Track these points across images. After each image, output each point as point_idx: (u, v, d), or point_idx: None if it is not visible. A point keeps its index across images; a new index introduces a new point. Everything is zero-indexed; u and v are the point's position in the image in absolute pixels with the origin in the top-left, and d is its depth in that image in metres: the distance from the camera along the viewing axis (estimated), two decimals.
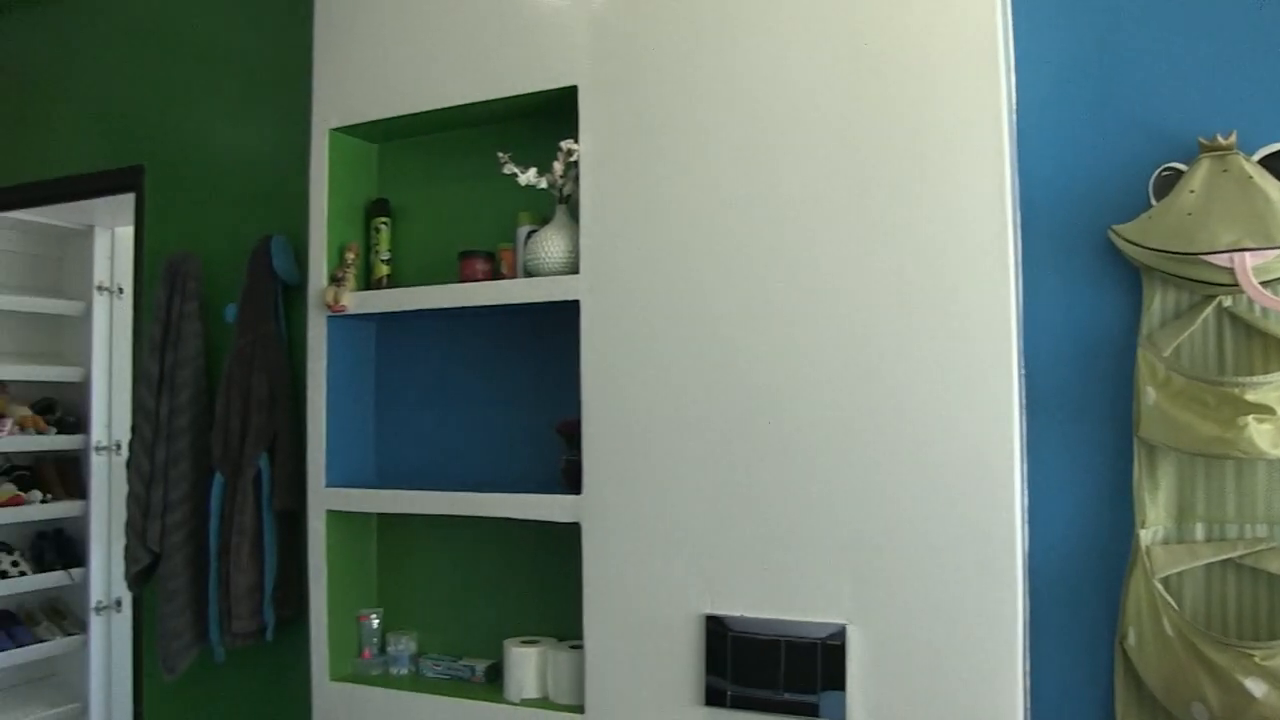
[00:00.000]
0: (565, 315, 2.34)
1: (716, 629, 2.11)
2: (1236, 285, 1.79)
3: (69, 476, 4.48)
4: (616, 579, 2.23)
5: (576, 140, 2.32)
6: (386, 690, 2.53)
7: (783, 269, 2.10)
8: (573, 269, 2.32)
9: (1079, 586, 2.04)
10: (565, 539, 2.33)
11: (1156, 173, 1.95)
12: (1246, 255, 1.77)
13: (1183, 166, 1.92)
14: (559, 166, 2.34)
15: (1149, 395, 1.88)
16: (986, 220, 1.94)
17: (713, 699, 2.11)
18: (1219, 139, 1.86)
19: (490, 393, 2.64)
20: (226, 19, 3.23)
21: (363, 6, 2.60)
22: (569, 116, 2.33)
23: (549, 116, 2.44)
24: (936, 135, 1.99)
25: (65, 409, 4.50)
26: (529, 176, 2.37)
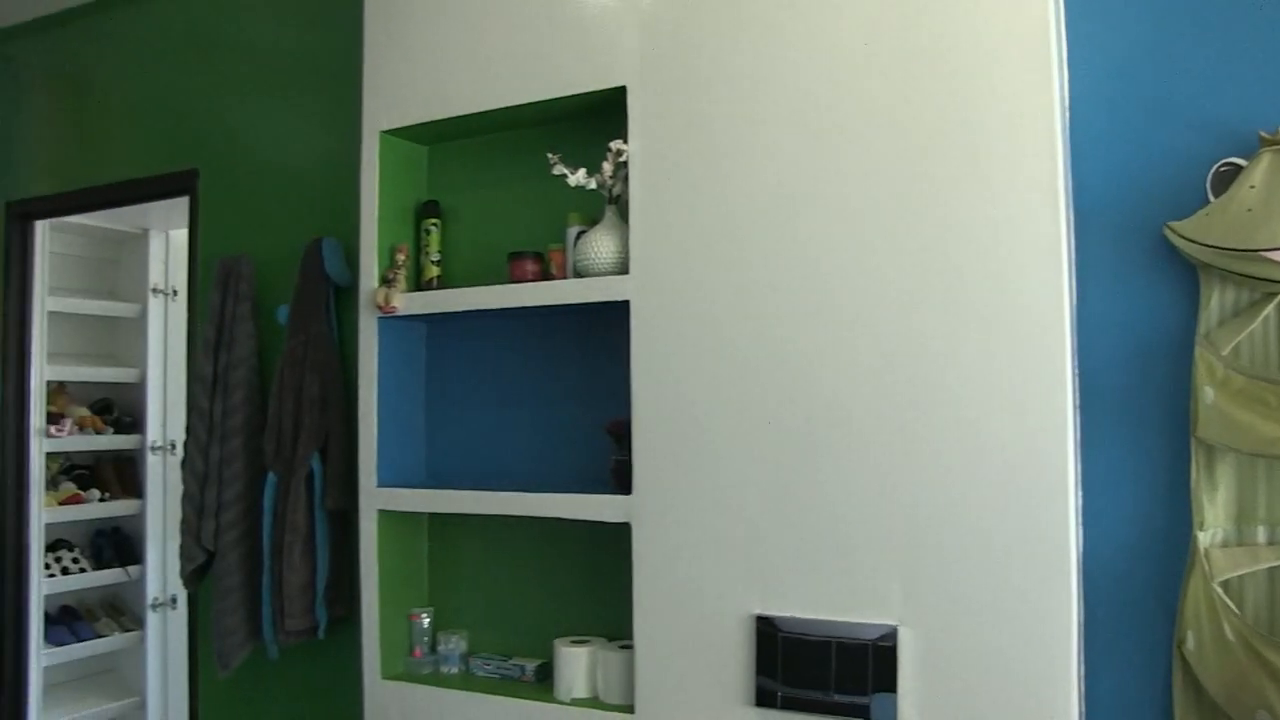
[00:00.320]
0: (614, 315, 2.35)
1: (767, 629, 2.11)
2: None
3: (126, 475, 4.55)
4: (666, 579, 2.22)
5: (625, 140, 2.32)
6: (437, 689, 2.54)
7: (833, 267, 2.08)
8: (622, 269, 2.32)
9: (1135, 589, 2.00)
10: (615, 538, 2.33)
11: (1214, 168, 1.91)
12: None
13: (1242, 161, 1.88)
14: (608, 167, 2.35)
15: (1207, 395, 1.85)
16: (1039, 217, 1.92)
17: (763, 700, 2.11)
18: None
19: (539, 393, 2.64)
20: (278, 25, 3.28)
21: (412, 10, 2.62)
22: (618, 117, 2.34)
23: (598, 117, 2.45)
24: (989, 132, 1.96)
25: (122, 409, 4.57)
26: (578, 177, 2.38)
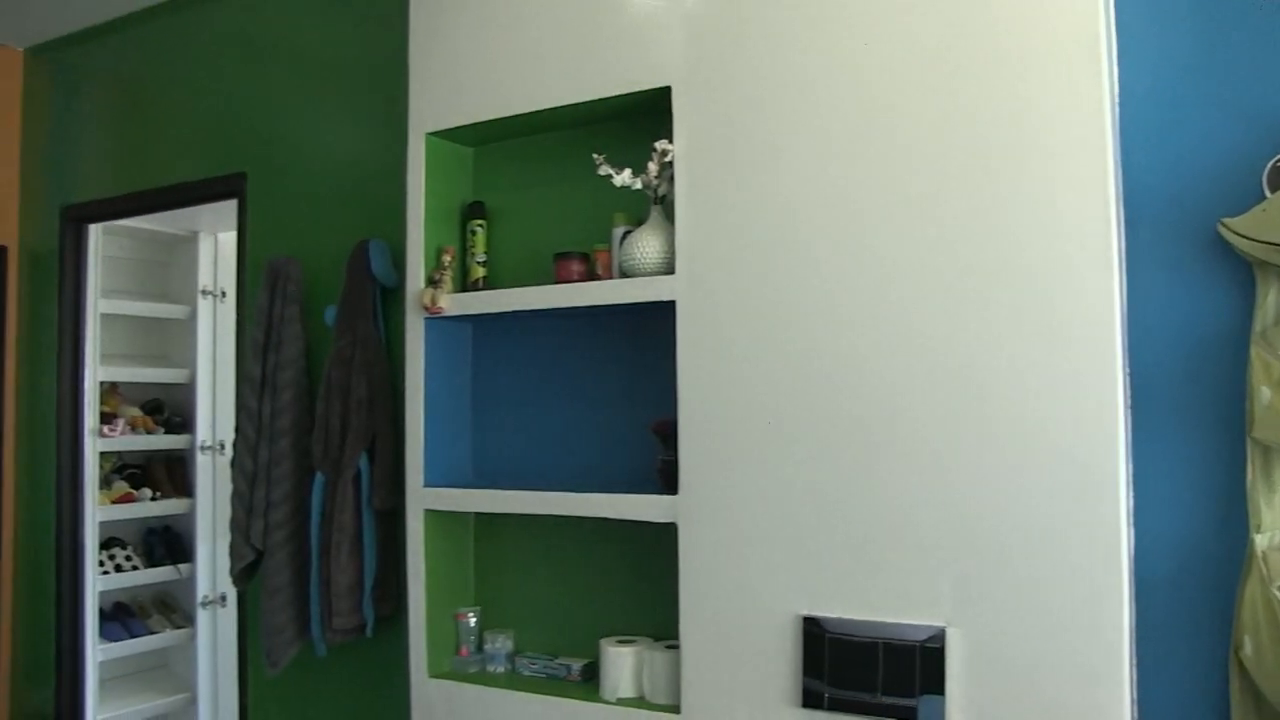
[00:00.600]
0: (660, 315, 2.35)
1: (813, 630, 2.09)
2: None
3: (176, 475, 4.61)
4: (713, 579, 2.22)
5: (670, 140, 2.32)
6: (483, 688, 2.55)
7: (881, 266, 2.07)
8: (668, 269, 2.32)
9: (1189, 593, 1.97)
10: (661, 538, 2.33)
11: (1271, 163, 1.87)
12: None
13: None
14: (653, 167, 2.34)
15: (1263, 395, 1.81)
16: (1089, 215, 1.89)
17: (810, 701, 2.10)
18: None
19: (585, 393, 2.65)
20: (325, 29, 3.31)
21: (458, 13, 2.63)
22: (663, 117, 2.33)
23: (643, 117, 2.45)
24: (1037, 128, 1.94)
25: (172, 409, 4.64)
26: (624, 177, 2.38)
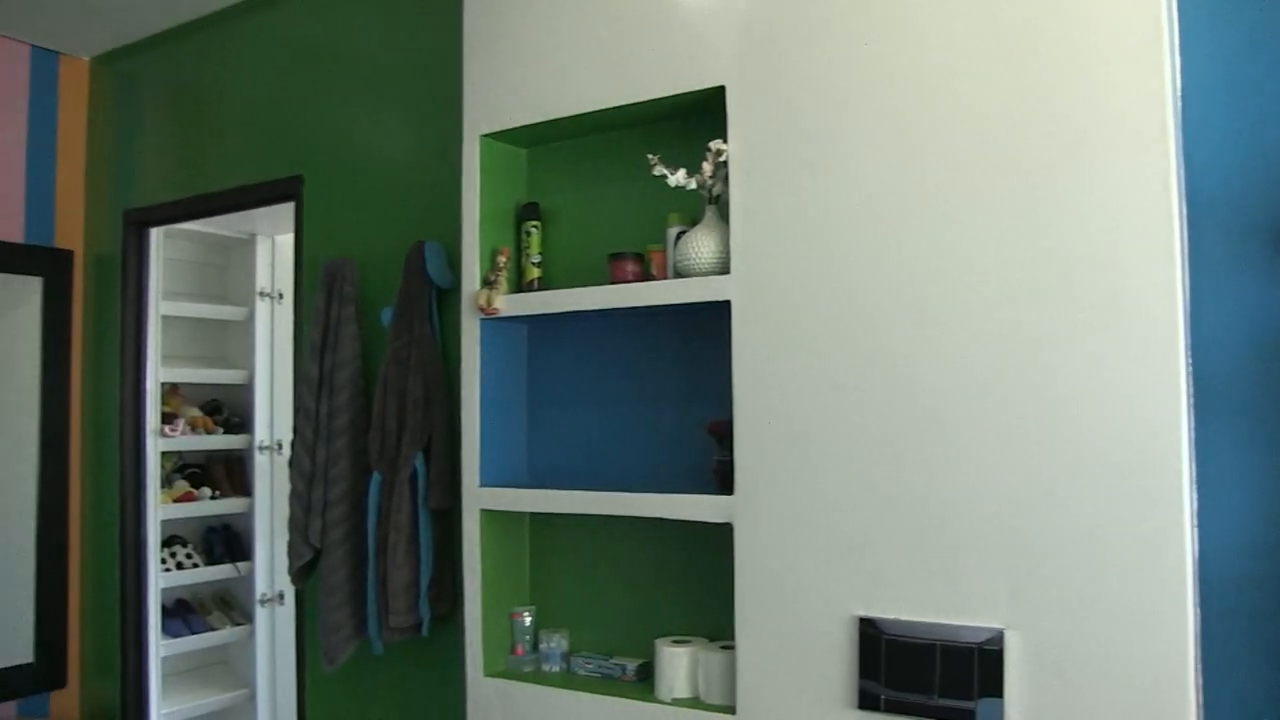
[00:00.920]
0: (715, 315, 2.34)
1: (870, 631, 2.08)
2: None
3: (235, 474, 4.69)
4: (769, 580, 2.21)
5: (725, 140, 2.31)
6: (538, 687, 2.56)
7: (938, 265, 2.04)
8: (723, 269, 2.31)
9: (1255, 595, 1.93)
10: (716, 538, 2.32)
11: None
12: None
13: None
14: (708, 167, 2.34)
15: None
16: (1151, 212, 1.85)
17: (866, 703, 2.08)
18: None
19: (640, 393, 2.65)
20: (379, 33, 3.34)
21: (511, 14, 2.65)
22: (717, 116, 2.33)
23: (697, 117, 2.44)
24: (1098, 125, 1.90)
25: (231, 410, 4.71)
26: (678, 178, 2.38)
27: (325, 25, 3.49)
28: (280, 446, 4.64)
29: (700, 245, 2.34)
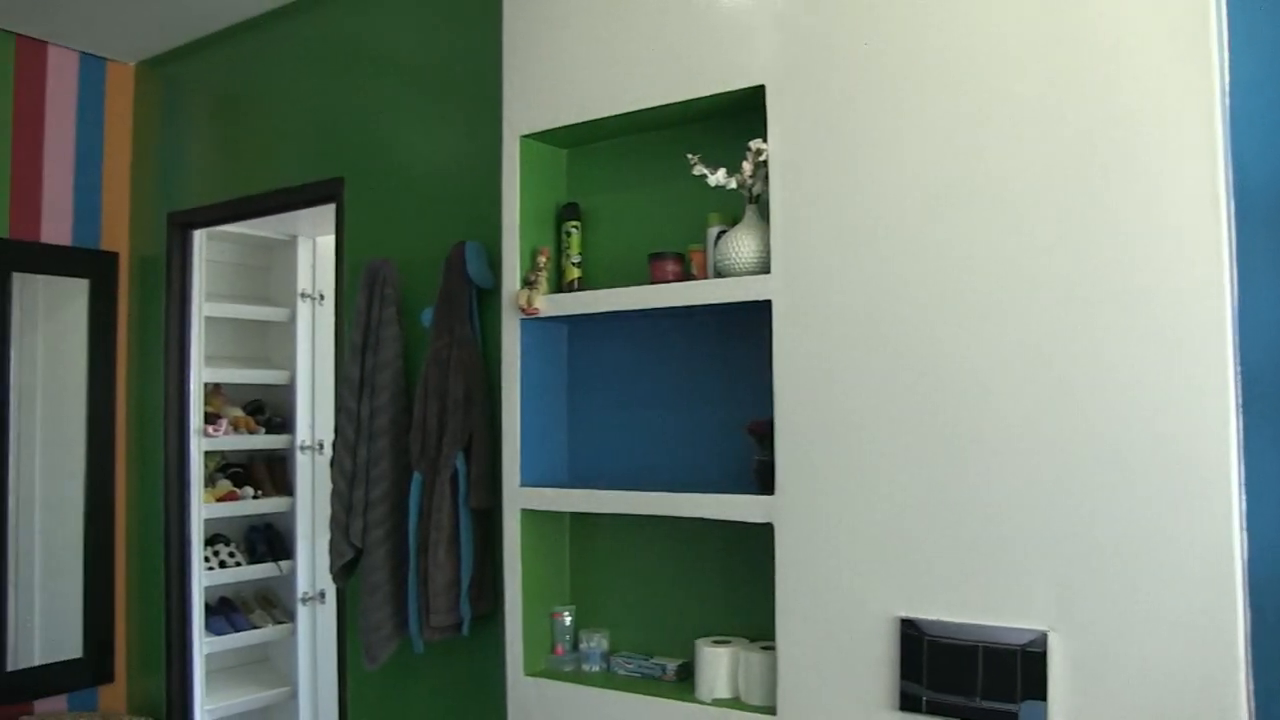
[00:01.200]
0: (755, 315, 2.34)
1: (911, 632, 2.06)
2: None
3: (277, 474, 4.73)
4: (810, 580, 2.20)
5: (765, 139, 2.30)
6: (579, 686, 2.57)
7: (982, 265, 2.03)
8: (764, 269, 2.30)
9: None
10: (757, 538, 2.32)
11: None
12: None
13: None
14: (748, 166, 2.33)
15: None
16: (1198, 211, 1.83)
17: (907, 704, 2.06)
18: None
19: (680, 393, 2.65)
20: (419, 35, 3.36)
21: (551, 16, 2.65)
22: (757, 116, 2.32)
23: (736, 116, 2.44)
24: (1145, 123, 1.88)
25: (273, 410, 4.74)
26: (718, 177, 2.37)
27: (365, 28, 3.52)
28: (321, 446, 4.68)
29: (741, 245, 2.33)
